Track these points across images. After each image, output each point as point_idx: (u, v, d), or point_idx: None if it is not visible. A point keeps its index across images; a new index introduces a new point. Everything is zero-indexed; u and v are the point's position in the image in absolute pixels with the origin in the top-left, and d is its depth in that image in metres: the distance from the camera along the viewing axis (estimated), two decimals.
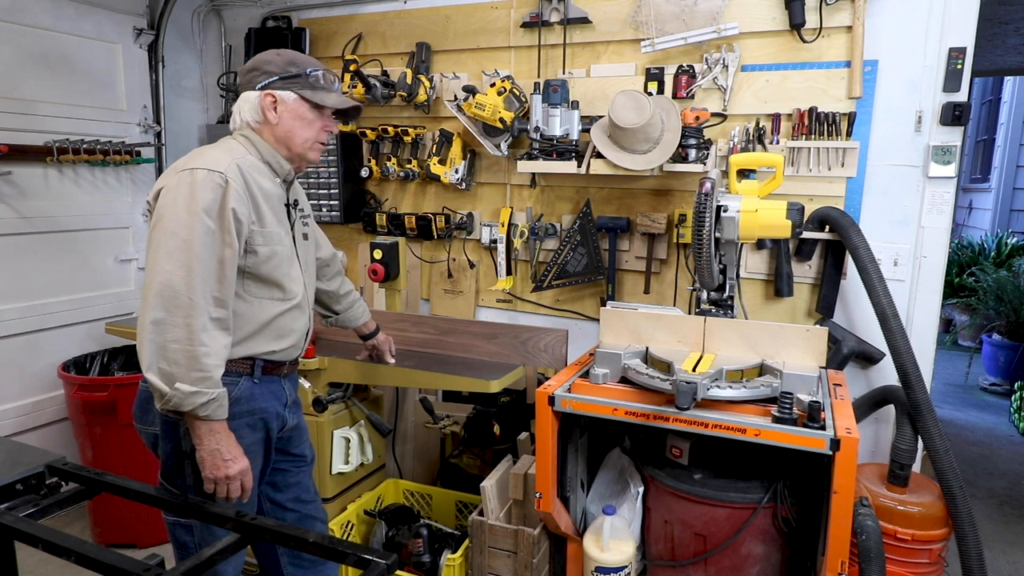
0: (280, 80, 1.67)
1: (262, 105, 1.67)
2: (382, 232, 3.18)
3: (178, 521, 1.71)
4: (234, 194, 1.54)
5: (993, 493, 3.53)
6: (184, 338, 1.46)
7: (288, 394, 1.84)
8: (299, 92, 1.68)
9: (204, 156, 1.60)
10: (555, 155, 2.59)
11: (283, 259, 1.69)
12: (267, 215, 1.65)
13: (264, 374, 1.72)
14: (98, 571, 1.07)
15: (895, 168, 2.37)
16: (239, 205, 1.55)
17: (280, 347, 1.73)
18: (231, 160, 1.59)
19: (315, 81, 1.70)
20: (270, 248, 1.64)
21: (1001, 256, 6.47)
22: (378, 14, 3.15)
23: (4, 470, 1.32)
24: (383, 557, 1.06)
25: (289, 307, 1.72)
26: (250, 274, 1.63)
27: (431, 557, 2.38)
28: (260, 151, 1.69)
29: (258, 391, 1.71)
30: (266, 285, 1.67)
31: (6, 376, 2.92)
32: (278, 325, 1.71)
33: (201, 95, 3.69)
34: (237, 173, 1.57)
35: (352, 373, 2.45)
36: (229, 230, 1.53)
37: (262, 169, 1.68)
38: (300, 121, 1.69)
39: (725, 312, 2.11)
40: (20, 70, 2.88)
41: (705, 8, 2.50)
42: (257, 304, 1.66)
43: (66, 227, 3.10)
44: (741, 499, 1.91)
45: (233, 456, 1.56)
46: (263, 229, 1.63)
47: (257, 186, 1.63)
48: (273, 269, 1.66)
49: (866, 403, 2.34)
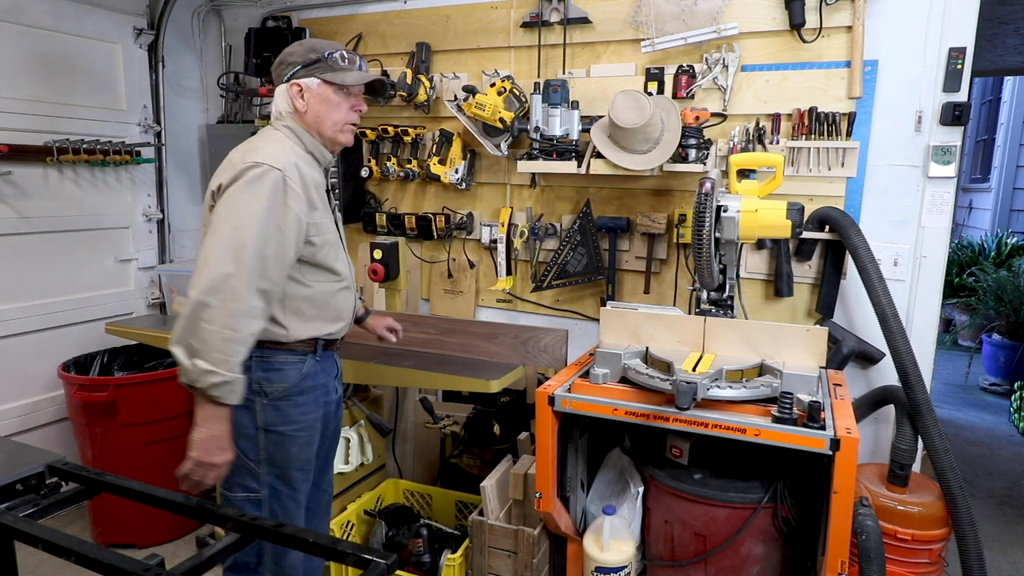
0: (303, 68, 1.71)
1: (290, 96, 1.72)
2: (382, 232, 3.18)
3: (248, 498, 1.76)
4: (292, 192, 1.61)
5: (993, 493, 3.53)
6: (220, 322, 1.50)
7: (338, 365, 1.96)
8: (321, 76, 1.71)
9: (265, 150, 1.63)
10: (555, 155, 2.59)
11: (333, 245, 1.78)
12: (319, 206, 1.72)
13: (324, 351, 1.83)
14: (98, 571, 1.07)
15: (895, 168, 2.37)
16: (296, 203, 1.62)
17: (336, 327, 1.83)
18: (289, 156, 1.65)
19: (334, 63, 1.71)
20: (323, 237, 1.73)
21: (1001, 256, 6.47)
22: (378, 14, 3.15)
23: (4, 470, 1.32)
24: (383, 557, 1.06)
25: (340, 288, 1.82)
26: (309, 262, 1.72)
27: (431, 557, 2.38)
28: (304, 141, 1.74)
29: (320, 367, 1.81)
30: (322, 270, 1.75)
31: (6, 376, 2.92)
32: (335, 306, 1.81)
33: (201, 95, 3.69)
34: (295, 170, 1.63)
35: (352, 373, 2.45)
36: (288, 231, 1.61)
37: (308, 159, 1.74)
38: (326, 104, 1.72)
39: (725, 312, 2.11)
40: (20, 70, 2.88)
41: (705, 8, 2.50)
42: (317, 287, 1.75)
43: (66, 227, 3.10)
44: (741, 499, 1.91)
45: (225, 446, 1.62)
46: (316, 221, 1.70)
47: (310, 179, 1.69)
48: (326, 255, 1.75)
49: (866, 403, 2.34)
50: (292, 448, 1.76)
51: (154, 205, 3.51)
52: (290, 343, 1.73)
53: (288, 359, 1.74)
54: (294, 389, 1.74)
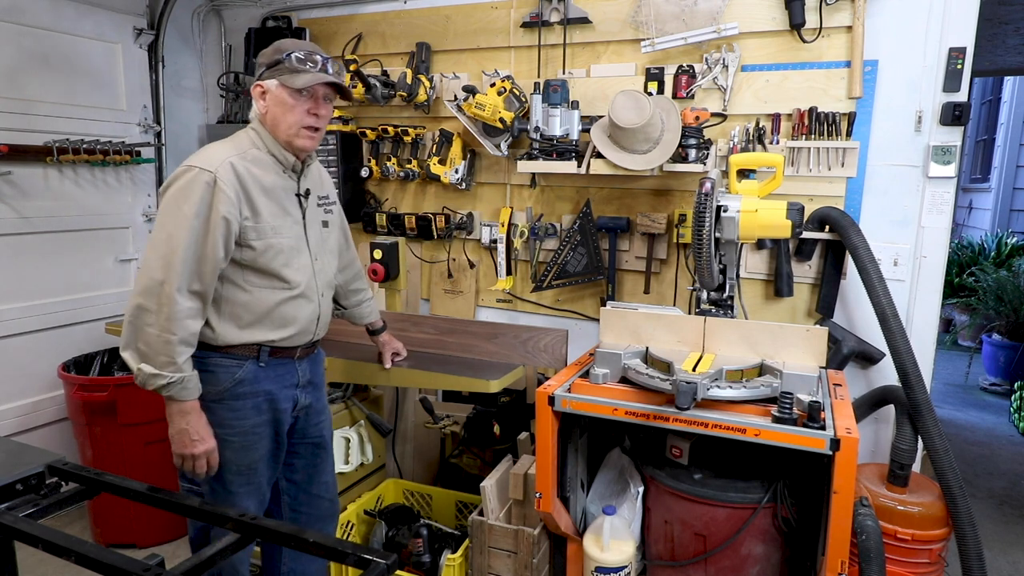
0: (267, 70, 1.71)
1: (255, 97, 1.72)
2: (382, 232, 3.18)
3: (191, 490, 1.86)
4: (221, 194, 1.60)
5: (993, 493, 3.53)
6: (159, 325, 1.57)
7: (302, 375, 1.88)
8: (279, 78, 1.69)
9: (206, 152, 1.66)
10: (555, 155, 2.59)
11: (282, 251, 1.72)
12: (264, 210, 1.68)
13: (272, 357, 1.78)
14: (98, 571, 1.07)
15: (895, 168, 2.37)
16: (224, 204, 1.60)
17: (282, 335, 1.77)
18: (226, 157, 1.64)
19: (291, 65, 1.68)
20: (264, 242, 1.69)
21: (1001, 256, 6.47)
22: (378, 14, 3.14)
23: (4, 470, 1.32)
24: (383, 557, 1.06)
25: (290, 296, 1.76)
26: (248, 266, 1.69)
27: (431, 557, 2.38)
28: (266, 143, 1.73)
29: (264, 374, 1.76)
30: (265, 276, 1.71)
31: (6, 376, 2.92)
32: (279, 314, 1.75)
33: (201, 95, 3.69)
34: (229, 171, 1.62)
35: (352, 373, 2.45)
36: (212, 230, 1.60)
37: (266, 162, 1.72)
38: (281, 107, 1.70)
39: (725, 312, 2.11)
40: (20, 70, 2.88)
41: (705, 8, 2.50)
42: (258, 294, 1.71)
43: (66, 227, 3.10)
44: (741, 499, 1.91)
45: (200, 437, 1.65)
46: (257, 224, 1.67)
47: (255, 181, 1.67)
48: (270, 261, 1.70)
49: (866, 403, 2.34)
50: (226, 451, 1.74)
51: (154, 205, 3.50)
52: (220, 347, 1.71)
53: (221, 363, 1.72)
54: (227, 393, 1.73)
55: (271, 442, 1.83)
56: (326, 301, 1.89)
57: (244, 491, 1.80)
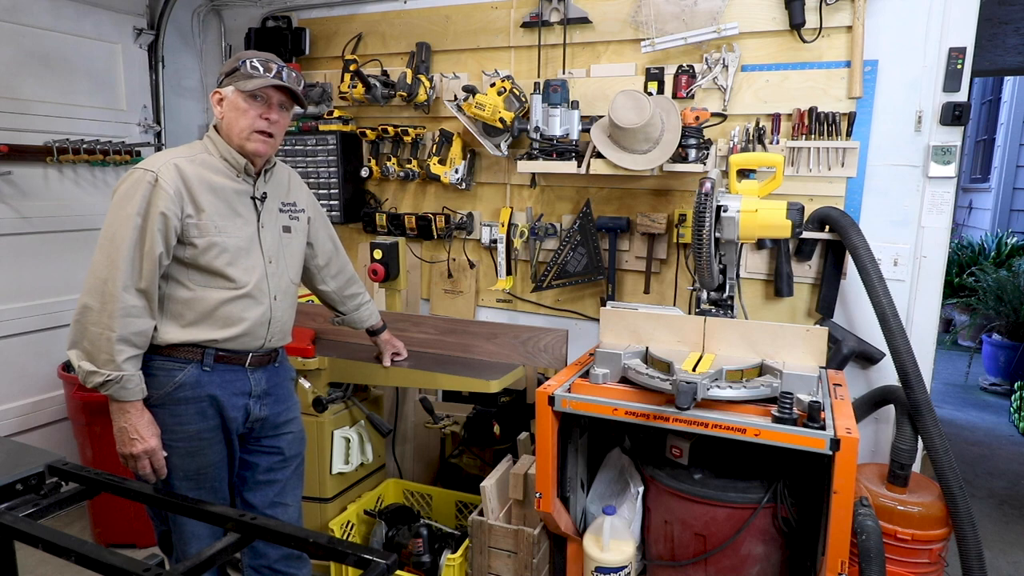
0: (226, 77, 1.76)
1: (213, 104, 1.78)
2: (382, 232, 3.18)
3: None
4: (161, 191, 1.63)
5: (993, 493, 3.53)
6: (102, 324, 1.59)
7: (255, 385, 1.84)
8: (234, 84, 1.73)
9: (154, 156, 1.73)
10: (555, 155, 2.59)
11: (226, 249, 1.73)
12: (208, 208, 1.70)
13: (218, 363, 1.76)
14: (98, 571, 1.07)
15: (895, 168, 2.37)
16: (163, 200, 1.63)
17: (226, 335, 1.74)
18: (171, 159, 1.68)
19: (246, 71, 1.73)
20: (207, 240, 1.70)
21: (1001, 256, 6.47)
22: (378, 14, 3.15)
23: (4, 470, 1.32)
24: (383, 557, 1.06)
25: (235, 296, 1.75)
26: (191, 264, 1.70)
27: (431, 557, 2.38)
28: (219, 148, 1.77)
29: (208, 379, 1.75)
30: (208, 274, 1.72)
31: (6, 376, 2.92)
32: (223, 313, 1.74)
33: (201, 95, 3.69)
34: (171, 170, 1.66)
35: (352, 373, 2.45)
36: (153, 228, 1.62)
37: (217, 166, 1.76)
38: (235, 112, 1.74)
39: (725, 312, 2.11)
40: (20, 70, 2.88)
41: (705, 8, 2.50)
42: (200, 292, 1.72)
43: (66, 227, 3.10)
44: (741, 499, 1.91)
45: (140, 436, 1.66)
46: (200, 222, 1.69)
47: (201, 181, 1.70)
48: (212, 259, 1.71)
49: (866, 403, 2.34)
50: (172, 457, 1.73)
51: None
52: (163, 347, 1.70)
53: (163, 365, 1.71)
54: (167, 398, 1.71)
55: (224, 447, 1.81)
56: (280, 306, 1.85)
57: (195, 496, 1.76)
